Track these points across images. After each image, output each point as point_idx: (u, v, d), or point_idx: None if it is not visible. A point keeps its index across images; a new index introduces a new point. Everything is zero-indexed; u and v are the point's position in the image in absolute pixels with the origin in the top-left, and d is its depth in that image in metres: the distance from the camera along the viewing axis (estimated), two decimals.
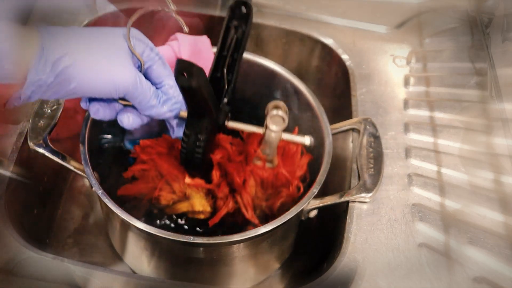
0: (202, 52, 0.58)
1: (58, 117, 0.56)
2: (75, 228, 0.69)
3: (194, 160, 0.51)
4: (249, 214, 0.56)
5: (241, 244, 0.51)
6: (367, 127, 0.60)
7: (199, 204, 0.56)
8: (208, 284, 0.58)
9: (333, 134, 0.59)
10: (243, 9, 0.47)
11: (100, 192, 0.49)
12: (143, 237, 0.52)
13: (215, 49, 0.60)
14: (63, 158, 0.53)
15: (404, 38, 0.75)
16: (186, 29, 0.46)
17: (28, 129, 0.54)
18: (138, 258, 0.59)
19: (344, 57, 0.72)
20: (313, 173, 0.56)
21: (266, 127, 0.49)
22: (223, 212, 0.56)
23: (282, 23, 0.76)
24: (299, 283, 0.50)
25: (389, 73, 0.70)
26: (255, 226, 0.56)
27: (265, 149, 0.53)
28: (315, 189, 0.52)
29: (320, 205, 0.54)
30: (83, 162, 0.51)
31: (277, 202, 0.57)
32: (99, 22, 0.73)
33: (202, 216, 0.57)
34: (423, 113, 0.65)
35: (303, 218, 0.56)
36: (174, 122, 0.50)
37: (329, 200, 0.54)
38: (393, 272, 0.49)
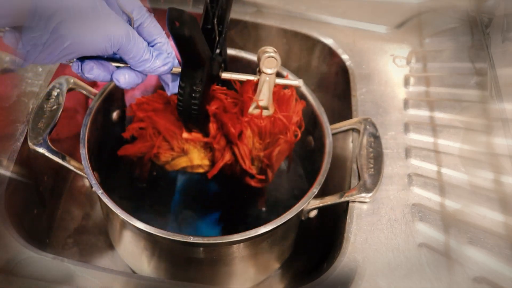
0: None
1: (58, 117, 0.56)
2: (75, 228, 0.69)
3: (191, 113, 0.51)
4: (247, 165, 0.56)
5: (241, 244, 0.51)
6: (367, 127, 0.60)
7: (198, 158, 0.57)
8: (208, 284, 0.58)
9: (333, 134, 0.59)
10: None
11: (100, 192, 0.49)
12: (143, 237, 0.52)
13: None
14: (63, 158, 0.53)
15: (404, 38, 0.75)
16: None
17: (28, 129, 0.54)
18: (138, 258, 0.59)
19: (344, 57, 0.72)
20: (313, 173, 0.56)
21: (260, 72, 0.50)
22: (220, 164, 0.56)
23: (282, 23, 0.76)
24: (299, 283, 0.50)
25: (389, 73, 0.70)
26: (252, 177, 0.57)
27: (260, 96, 0.53)
28: (315, 189, 0.52)
29: (320, 205, 0.54)
30: (83, 162, 0.52)
31: (274, 150, 0.57)
32: None
33: (201, 170, 0.58)
34: (423, 113, 0.65)
35: (303, 218, 0.56)
36: (168, 78, 0.50)
37: (329, 200, 0.54)
38: (393, 272, 0.49)
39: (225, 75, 0.52)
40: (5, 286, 0.46)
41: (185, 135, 0.56)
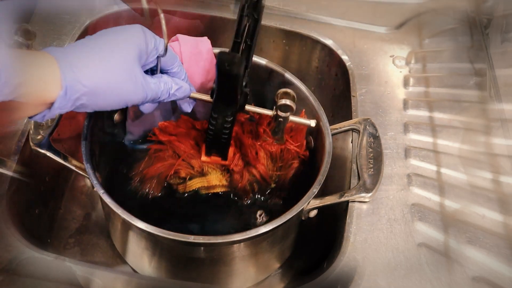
0: (202, 53, 0.58)
1: (60, 118, 0.56)
2: (76, 228, 0.69)
3: (221, 141, 0.56)
4: (268, 182, 0.61)
5: (242, 243, 0.51)
6: (367, 127, 0.60)
7: (216, 179, 0.60)
8: (209, 284, 0.58)
9: (333, 134, 0.59)
10: None
11: (101, 192, 0.49)
12: (144, 237, 0.53)
13: (215, 50, 0.60)
14: (65, 158, 0.53)
15: (404, 39, 0.76)
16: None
17: (30, 129, 0.54)
18: (139, 258, 0.59)
19: (344, 57, 0.72)
20: (313, 173, 0.56)
21: (276, 112, 0.53)
22: (243, 183, 0.60)
23: (282, 24, 0.76)
24: (299, 282, 0.50)
25: (389, 73, 0.71)
26: (271, 191, 0.62)
27: (274, 130, 0.59)
28: (315, 189, 0.52)
29: (320, 205, 0.54)
30: (84, 162, 0.52)
31: (289, 173, 0.62)
32: (100, 23, 0.73)
33: (218, 190, 0.61)
34: (423, 113, 0.65)
35: (303, 218, 0.56)
36: (181, 100, 0.55)
37: (329, 200, 0.54)
38: (392, 271, 0.49)
39: (248, 107, 0.55)
40: (7, 285, 0.46)
41: (203, 158, 0.59)
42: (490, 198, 0.55)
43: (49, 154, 0.53)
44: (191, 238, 0.47)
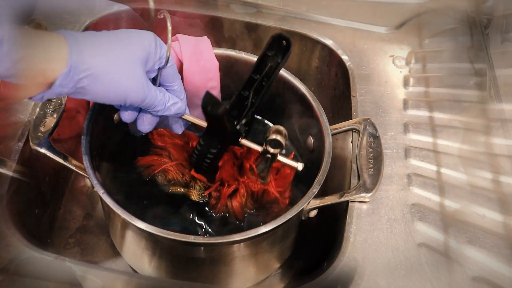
0: (203, 52, 0.58)
1: (60, 118, 0.56)
2: (76, 228, 0.69)
3: (201, 167, 0.57)
4: (238, 217, 0.61)
5: (242, 243, 0.51)
6: (367, 127, 0.60)
7: (196, 195, 0.62)
8: (209, 284, 0.58)
9: (333, 134, 0.59)
10: (284, 43, 0.51)
11: (101, 192, 0.49)
12: (144, 237, 0.53)
13: (216, 50, 0.60)
14: (65, 158, 0.54)
15: (404, 39, 0.76)
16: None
17: (30, 130, 0.54)
18: (139, 258, 0.59)
19: (344, 57, 0.72)
20: (313, 173, 0.56)
21: (266, 147, 0.52)
22: (215, 211, 0.61)
23: (282, 24, 0.76)
24: (299, 282, 0.50)
25: (389, 73, 0.71)
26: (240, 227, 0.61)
27: (260, 166, 0.57)
28: (315, 189, 0.52)
29: (320, 205, 0.54)
30: (84, 162, 0.52)
31: (267, 218, 0.61)
32: (100, 22, 0.73)
33: (195, 199, 0.62)
34: (423, 113, 0.65)
35: (303, 218, 0.56)
36: (174, 120, 0.55)
37: (329, 200, 0.54)
38: (392, 271, 0.49)
39: (243, 141, 0.54)
40: (7, 285, 0.46)
41: (193, 172, 0.60)
42: (490, 198, 0.55)
43: (49, 154, 0.53)
44: (191, 238, 0.47)
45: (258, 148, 0.54)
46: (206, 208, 0.62)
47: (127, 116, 0.50)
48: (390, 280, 0.48)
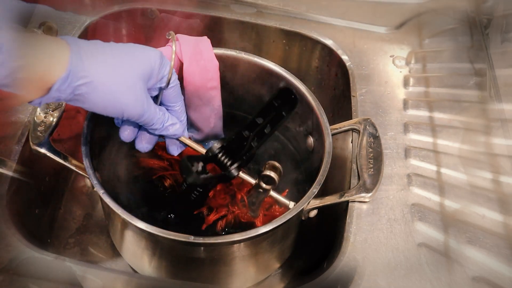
0: (203, 52, 0.58)
1: (60, 118, 0.56)
2: (76, 228, 0.69)
3: (190, 197, 0.55)
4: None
5: (242, 243, 0.51)
6: (367, 127, 0.60)
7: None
8: (209, 284, 0.58)
9: (333, 134, 0.59)
10: (291, 96, 0.52)
11: (101, 192, 0.49)
12: (144, 236, 0.53)
13: (216, 50, 0.60)
14: (65, 158, 0.53)
15: (404, 39, 0.76)
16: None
17: (30, 130, 0.54)
18: (139, 258, 0.60)
19: (344, 57, 0.72)
20: (313, 173, 0.56)
21: (259, 181, 0.53)
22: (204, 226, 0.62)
23: (282, 24, 0.76)
24: (299, 282, 0.50)
25: (389, 73, 0.71)
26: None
27: (251, 199, 0.57)
28: (315, 189, 0.52)
29: (320, 205, 0.54)
30: (84, 162, 0.52)
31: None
32: (100, 23, 0.73)
33: None
34: (423, 113, 0.65)
35: (303, 218, 0.56)
36: (171, 141, 0.54)
37: (329, 200, 0.54)
38: (392, 271, 0.49)
39: (241, 174, 0.54)
40: (7, 285, 0.46)
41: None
42: (490, 198, 0.55)
43: (49, 154, 0.53)
44: (191, 238, 0.47)
45: (252, 181, 0.54)
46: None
47: (126, 135, 0.50)
48: (390, 280, 0.48)
